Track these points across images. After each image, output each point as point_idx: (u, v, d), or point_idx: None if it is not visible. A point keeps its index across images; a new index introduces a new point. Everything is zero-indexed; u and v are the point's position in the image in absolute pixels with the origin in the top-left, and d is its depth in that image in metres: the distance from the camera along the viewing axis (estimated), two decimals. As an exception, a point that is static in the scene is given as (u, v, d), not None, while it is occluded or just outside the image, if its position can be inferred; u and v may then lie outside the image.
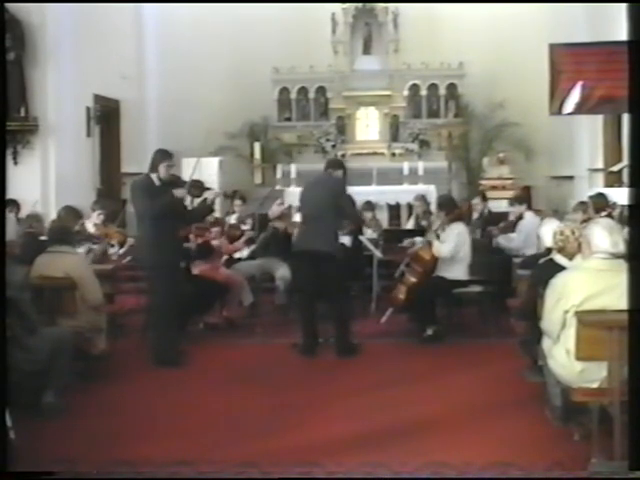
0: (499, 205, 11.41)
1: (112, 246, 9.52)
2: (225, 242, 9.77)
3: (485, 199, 11.06)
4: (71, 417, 6.06)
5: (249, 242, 10.05)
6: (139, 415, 6.28)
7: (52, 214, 10.22)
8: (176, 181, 7.93)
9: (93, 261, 8.44)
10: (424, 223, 9.98)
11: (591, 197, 9.64)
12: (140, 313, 8.77)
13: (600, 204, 9.17)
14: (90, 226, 9.52)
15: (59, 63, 12.91)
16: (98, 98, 14.67)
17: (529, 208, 10.20)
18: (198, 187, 8.11)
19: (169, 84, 16.93)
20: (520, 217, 9.93)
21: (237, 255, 10.15)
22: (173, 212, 7.72)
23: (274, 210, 9.59)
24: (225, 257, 9.92)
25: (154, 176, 7.78)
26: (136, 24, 16.45)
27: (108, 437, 5.71)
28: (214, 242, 9.50)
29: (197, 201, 8.16)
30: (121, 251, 9.50)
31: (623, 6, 12.46)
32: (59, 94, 12.93)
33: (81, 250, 8.34)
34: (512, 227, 9.89)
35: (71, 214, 8.81)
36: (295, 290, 9.24)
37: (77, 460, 5.18)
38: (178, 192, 7.71)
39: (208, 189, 8.38)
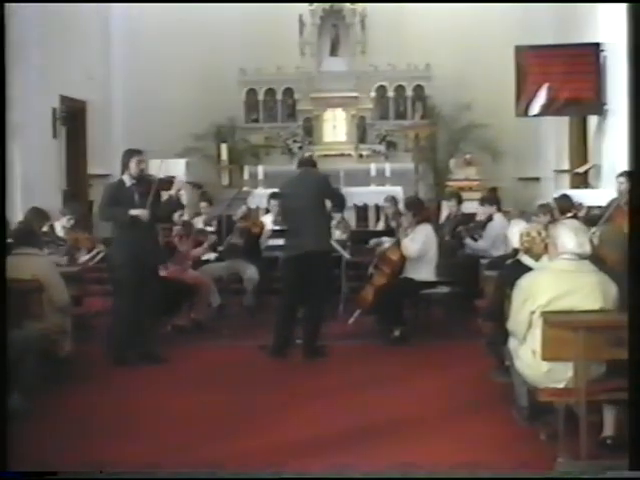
0: (465, 206, 11.40)
1: (78, 250, 9.43)
2: (189, 246, 9.71)
3: (460, 201, 11.00)
4: (38, 419, 6.00)
5: (212, 248, 10.04)
6: (107, 417, 6.25)
7: (18, 216, 10.10)
8: (147, 178, 7.95)
9: (59, 263, 8.37)
10: (394, 224, 9.98)
11: (556, 199, 9.69)
12: (108, 315, 8.72)
13: (565, 205, 9.22)
14: (59, 229, 9.45)
15: (24, 63, 12.76)
16: (64, 99, 14.54)
17: (499, 210, 10.22)
18: (168, 182, 8.12)
19: (136, 85, 16.83)
20: (490, 218, 9.95)
21: (205, 257, 10.12)
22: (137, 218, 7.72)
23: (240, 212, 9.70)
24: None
25: (126, 177, 7.84)
26: (102, 24, 16.34)
27: (76, 439, 5.68)
28: (179, 245, 9.48)
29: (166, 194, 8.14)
30: (88, 256, 9.40)
31: (592, 7, 12.61)
32: (24, 95, 12.78)
33: (48, 252, 8.28)
34: (481, 227, 9.89)
35: (38, 216, 8.76)
36: (282, 291, 9.09)
37: (45, 462, 5.10)
38: (137, 212, 7.70)
39: (173, 180, 8.36)
